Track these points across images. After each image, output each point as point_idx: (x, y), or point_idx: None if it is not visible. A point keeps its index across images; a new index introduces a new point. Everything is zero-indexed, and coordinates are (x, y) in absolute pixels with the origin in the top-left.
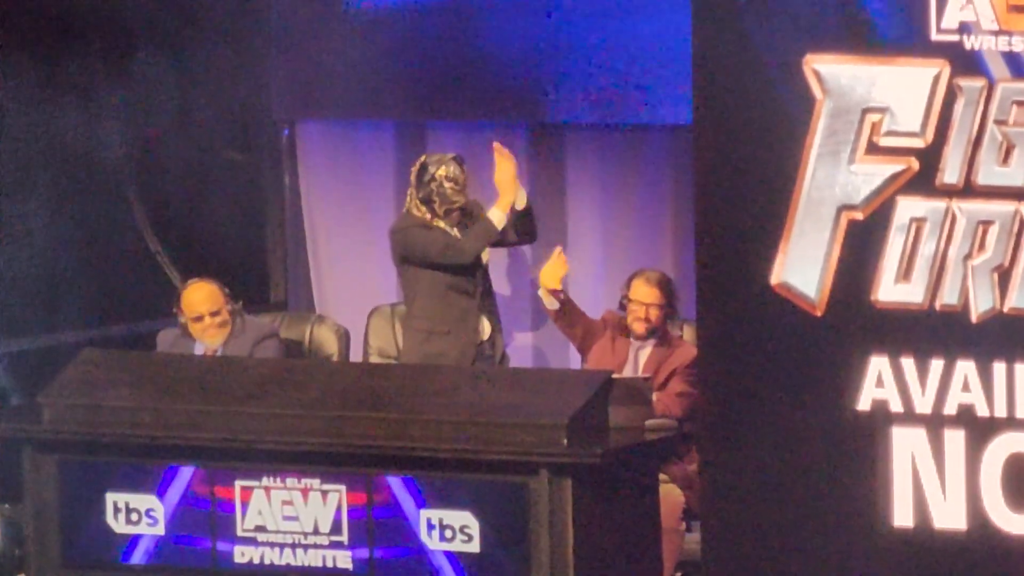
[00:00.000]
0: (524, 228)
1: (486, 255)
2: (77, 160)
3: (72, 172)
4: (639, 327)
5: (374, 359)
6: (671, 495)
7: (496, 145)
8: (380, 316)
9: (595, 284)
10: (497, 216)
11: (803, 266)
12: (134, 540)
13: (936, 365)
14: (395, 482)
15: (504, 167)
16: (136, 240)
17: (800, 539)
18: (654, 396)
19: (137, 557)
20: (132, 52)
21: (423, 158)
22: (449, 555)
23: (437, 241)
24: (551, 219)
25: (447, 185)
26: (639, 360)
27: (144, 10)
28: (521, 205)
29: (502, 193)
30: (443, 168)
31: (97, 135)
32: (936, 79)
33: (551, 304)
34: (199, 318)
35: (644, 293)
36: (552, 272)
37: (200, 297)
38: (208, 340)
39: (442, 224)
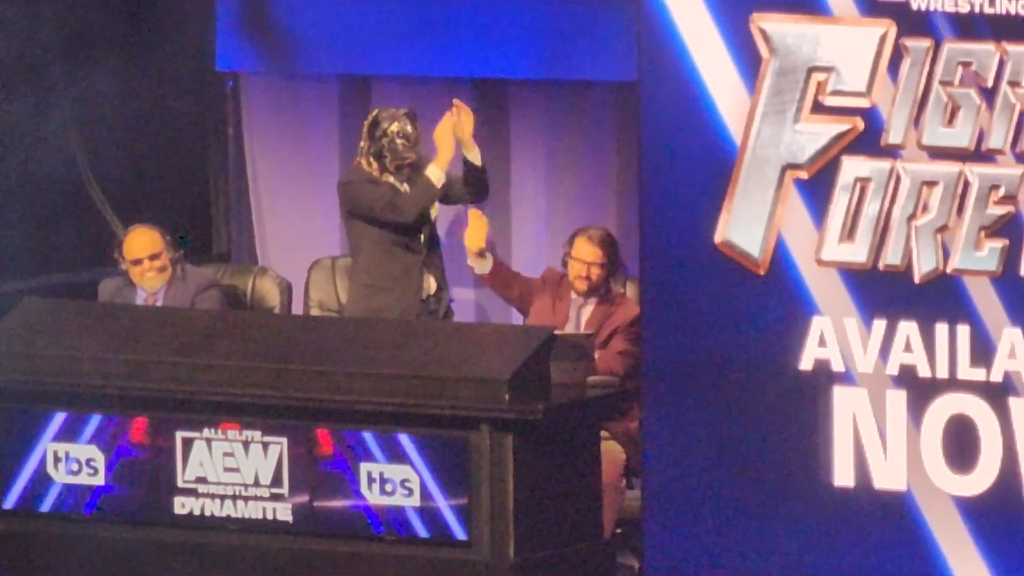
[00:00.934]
0: (476, 186)
1: (435, 211)
2: (18, 104)
3: (13, 121)
4: (580, 285)
5: (314, 312)
6: (612, 452)
7: (456, 101)
8: (321, 269)
9: (538, 240)
10: (435, 174)
11: (747, 225)
12: (74, 490)
13: (879, 325)
14: (336, 435)
15: (444, 123)
16: (78, 189)
17: (741, 498)
18: (596, 354)
19: (77, 507)
20: (77, 3)
21: (375, 112)
22: (390, 509)
23: (382, 197)
24: (495, 175)
25: (398, 141)
26: (581, 318)
27: None
28: (477, 161)
29: (440, 150)
30: (395, 124)
31: (39, 83)
32: (882, 39)
33: (481, 268)
34: (138, 262)
35: (586, 252)
36: (474, 234)
37: (140, 242)
38: (147, 284)
39: (391, 180)
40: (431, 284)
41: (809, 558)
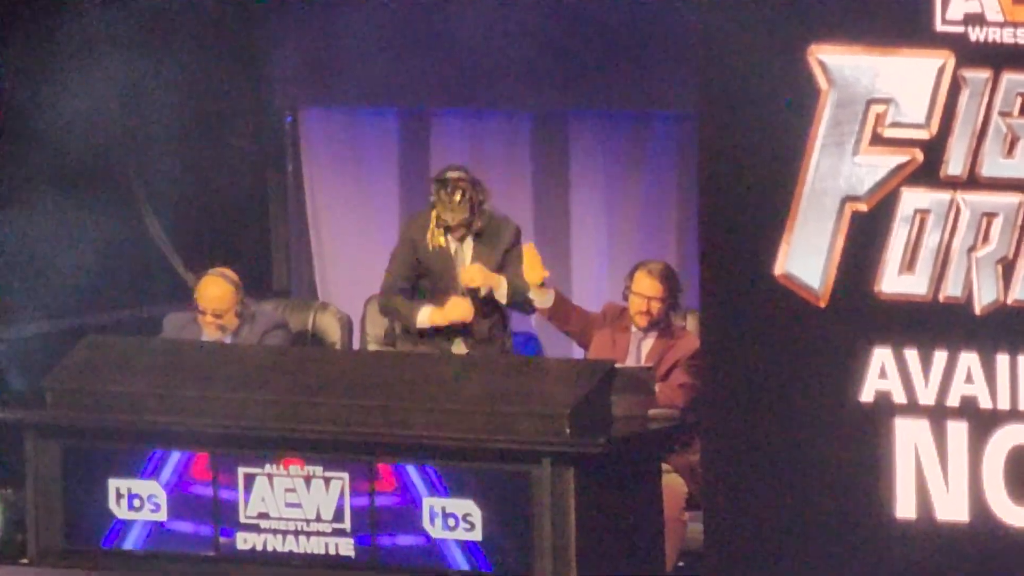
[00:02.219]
0: (519, 308)
1: (482, 287)
2: (79, 145)
3: (75, 158)
4: (640, 320)
5: (372, 347)
6: (674, 485)
7: (526, 247)
8: (376, 304)
9: (598, 273)
10: (420, 318)
11: (807, 257)
12: (137, 526)
13: (939, 357)
14: (398, 470)
15: (459, 307)
16: (139, 226)
17: (802, 530)
18: (657, 387)
19: (139, 543)
20: (135, 39)
21: (443, 169)
22: (452, 543)
23: (387, 276)
24: (554, 208)
25: (438, 208)
26: (641, 351)
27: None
28: (541, 305)
29: (448, 307)
30: (442, 191)
31: (100, 119)
32: (941, 70)
33: (542, 302)
34: (203, 312)
35: (646, 286)
36: (532, 269)
37: (209, 295)
38: (207, 332)
39: (440, 240)
40: (460, 349)
41: None
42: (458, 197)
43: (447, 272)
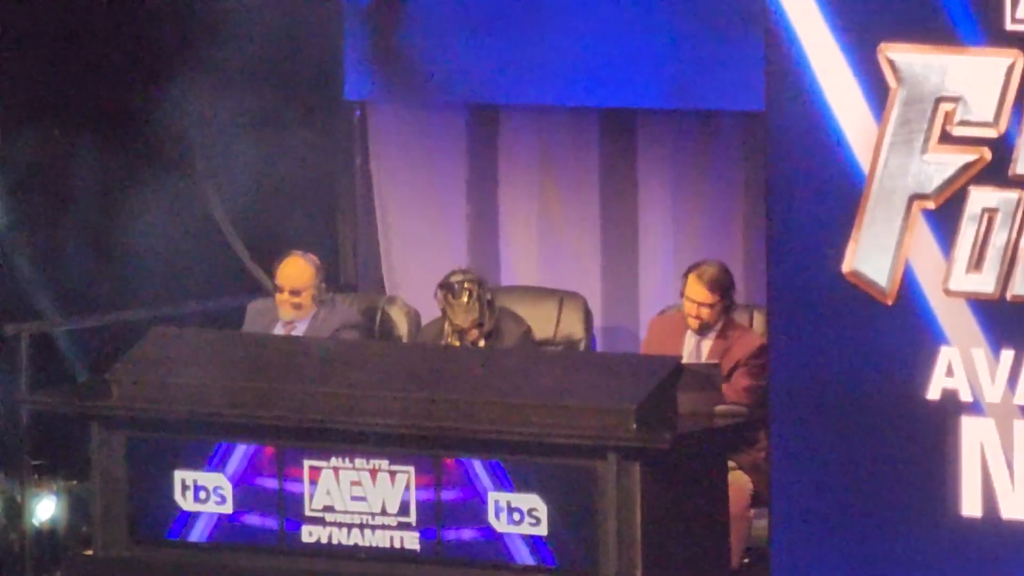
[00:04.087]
0: None
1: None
2: (145, 140)
3: (141, 152)
4: (693, 323)
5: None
6: (740, 482)
7: None
8: None
9: (665, 270)
10: None
11: (875, 255)
12: (202, 518)
13: (1006, 355)
14: (464, 464)
15: None
16: (206, 219)
17: (867, 527)
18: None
19: (204, 535)
20: (205, 34)
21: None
22: (517, 538)
23: None
24: (621, 205)
25: (450, 315)
26: (701, 352)
27: None
28: None
29: None
30: (445, 298)
31: (166, 114)
32: (1010, 69)
33: None
34: (280, 290)
35: (695, 292)
36: None
37: (287, 272)
38: (281, 313)
39: (447, 336)
40: None
41: None
42: (465, 299)
43: None
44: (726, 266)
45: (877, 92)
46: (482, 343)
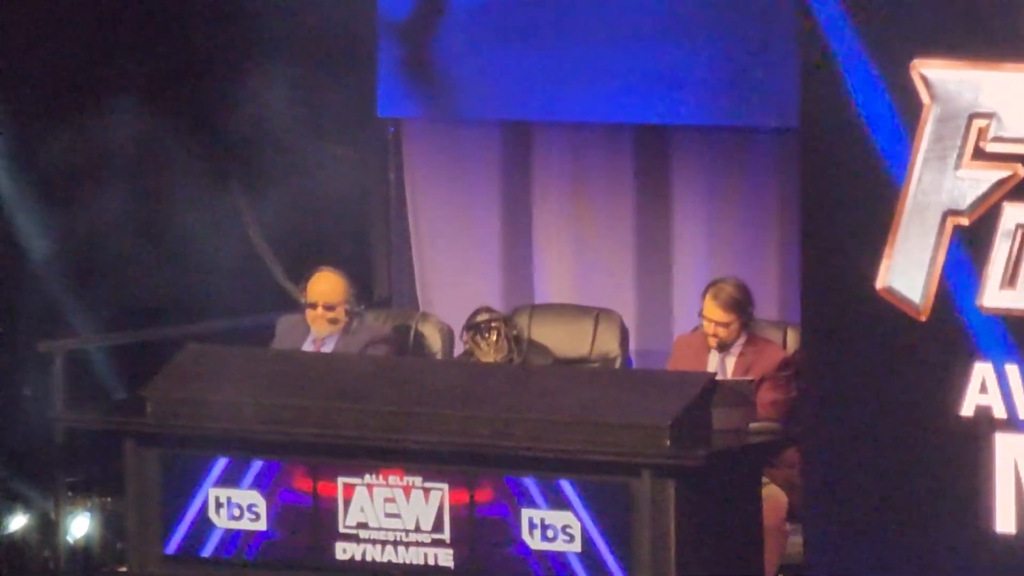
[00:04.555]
0: None
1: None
2: (179, 151)
3: (177, 170)
4: (711, 342)
5: None
6: (775, 496)
7: None
8: None
9: (699, 286)
10: None
11: (908, 271)
12: (235, 535)
13: None
14: (497, 481)
15: None
16: (240, 235)
17: (901, 543)
18: None
19: (238, 552)
20: (241, 52)
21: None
22: (550, 555)
23: None
24: (656, 222)
25: (479, 356)
26: (726, 367)
27: (252, 9)
28: None
29: None
30: (473, 339)
31: (200, 132)
32: None
33: None
34: (313, 305)
35: (712, 311)
36: None
37: (320, 287)
38: (315, 329)
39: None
40: None
41: None
42: (494, 337)
43: None
44: (743, 284)
45: (910, 108)
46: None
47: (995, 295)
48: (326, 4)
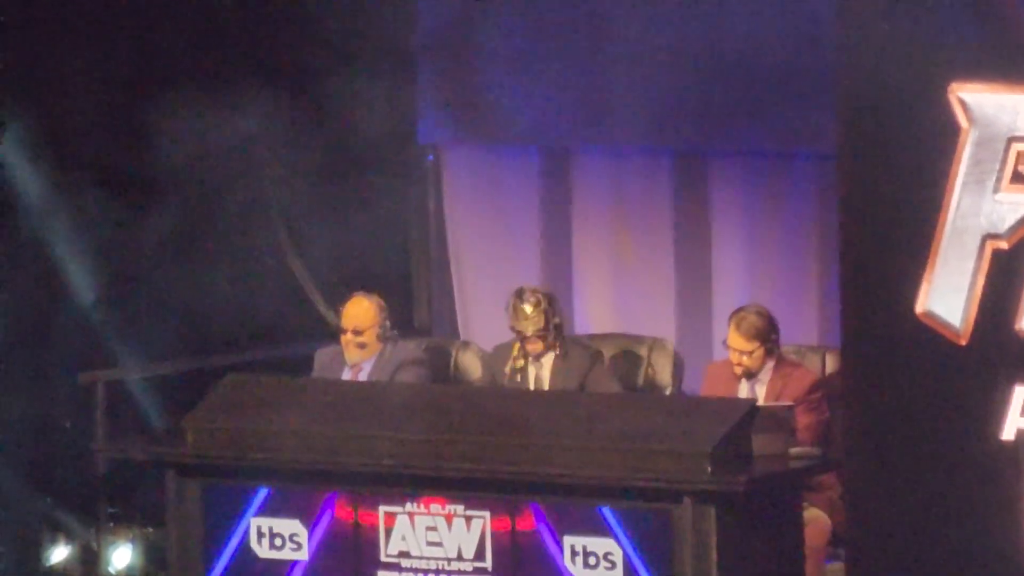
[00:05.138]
0: None
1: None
2: (219, 182)
3: (215, 193)
4: (737, 370)
5: None
6: (819, 518)
7: None
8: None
9: None
10: None
11: (947, 295)
12: (278, 565)
13: None
14: (538, 508)
15: None
16: (280, 264)
17: (944, 567)
18: None
19: None
20: (281, 79)
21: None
22: None
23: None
24: (696, 247)
25: (513, 322)
26: (756, 394)
27: (292, 38)
28: None
29: None
30: (513, 304)
31: (242, 157)
32: None
33: None
34: (344, 331)
35: (735, 341)
36: None
37: (351, 312)
38: (347, 355)
39: (520, 363)
40: None
41: None
42: (530, 307)
43: None
44: (765, 311)
45: (948, 132)
46: (548, 366)
47: None
48: (365, 31)
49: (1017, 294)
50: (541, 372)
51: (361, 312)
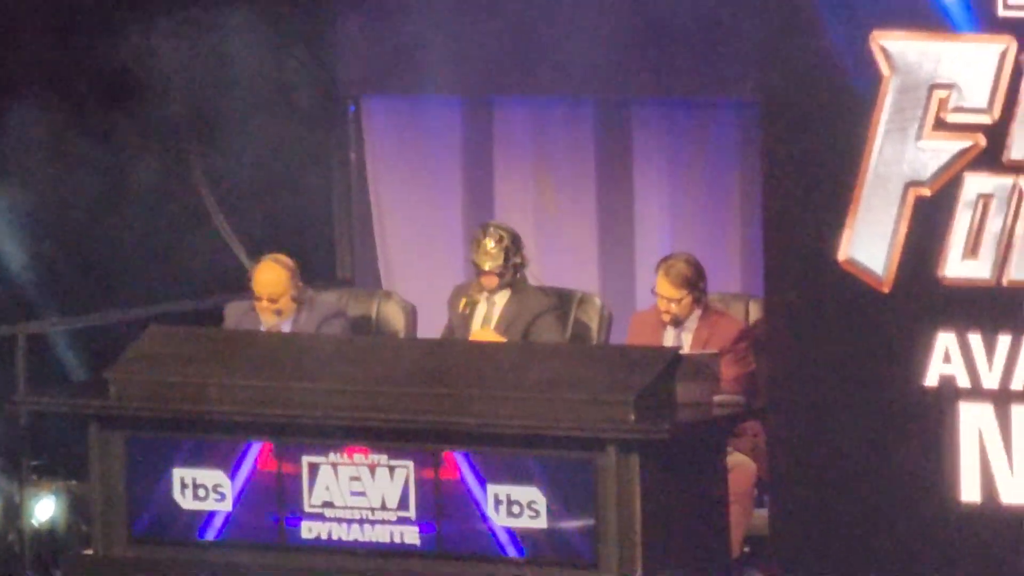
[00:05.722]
0: None
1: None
2: (141, 136)
3: (135, 148)
4: (665, 318)
5: None
6: (743, 464)
7: None
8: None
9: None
10: None
11: (870, 242)
12: (201, 516)
13: (1003, 341)
14: (462, 458)
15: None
16: (202, 215)
17: (867, 514)
18: None
19: (204, 533)
20: (198, 27)
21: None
22: (515, 531)
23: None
24: (618, 196)
25: (474, 256)
26: (682, 343)
27: None
28: None
29: None
30: (476, 237)
31: (161, 110)
32: (1003, 55)
33: None
34: (258, 298)
35: (663, 288)
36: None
37: (263, 280)
38: (263, 319)
39: (477, 297)
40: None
41: (936, 573)
42: (491, 243)
43: (464, 334)
44: (694, 260)
45: (871, 80)
46: (500, 304)
47: (957, 265)
48: None
49: (939, 241)
50: (492, 310)
51: (273, 280)
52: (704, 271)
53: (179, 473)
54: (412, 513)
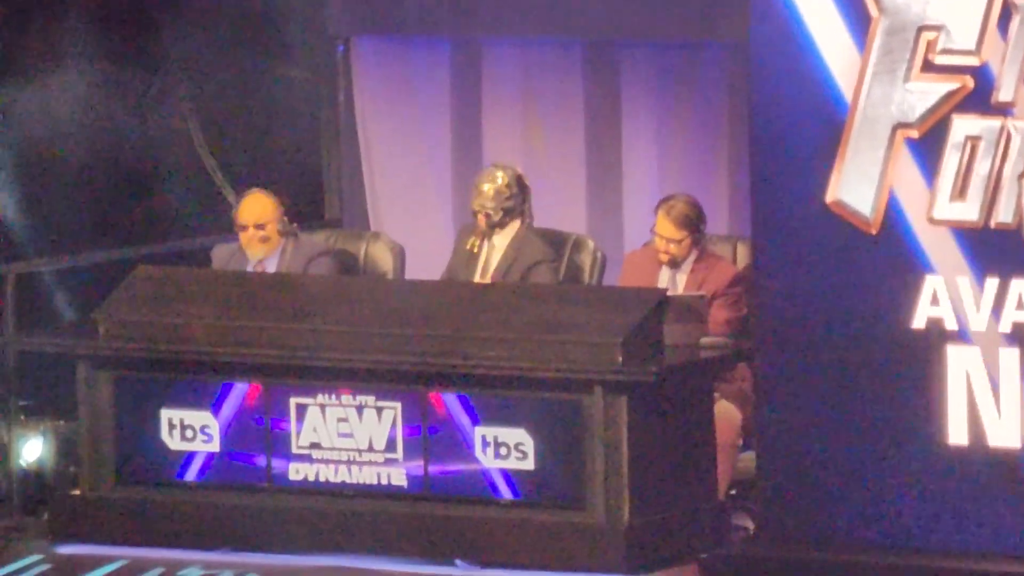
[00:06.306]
0: None
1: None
2: (131, 76)
3: (126, 86)
4: (663, 258)
5: None
6: (728, 412)
7: None
8: None
9: (650, 202)
10: None
11: (858, 184)
12: (189, 457)
13: (991, 283)
14: (450, 399)
15: None
16: (191, 156)
17: (854, 457)
18: None
19: (191, 474)
20: None
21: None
22: (503, 472)
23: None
24: (606, 137)
25: (473, 196)
26: (677, 285)
27: None
28: None
29: None
30: (477, 179)
31: (151, 50)
32: None
33: None
34: (244, 228)
35: (664, 228)
36: None
37: (249, 209)
38: (250, 252)
39: (476, 242)
40: None
41: (923, 516)
42: (486, 186)
43: (468, 273)
44: (695, 201)
45: (859, 22)
46: (499, 249)
47: (945, 207)
48: None
49: (927, 183)
50: (492, 254)
51: (260, 206)
52: (704, 213)
53: (167, 414)
54: (399, 455)
